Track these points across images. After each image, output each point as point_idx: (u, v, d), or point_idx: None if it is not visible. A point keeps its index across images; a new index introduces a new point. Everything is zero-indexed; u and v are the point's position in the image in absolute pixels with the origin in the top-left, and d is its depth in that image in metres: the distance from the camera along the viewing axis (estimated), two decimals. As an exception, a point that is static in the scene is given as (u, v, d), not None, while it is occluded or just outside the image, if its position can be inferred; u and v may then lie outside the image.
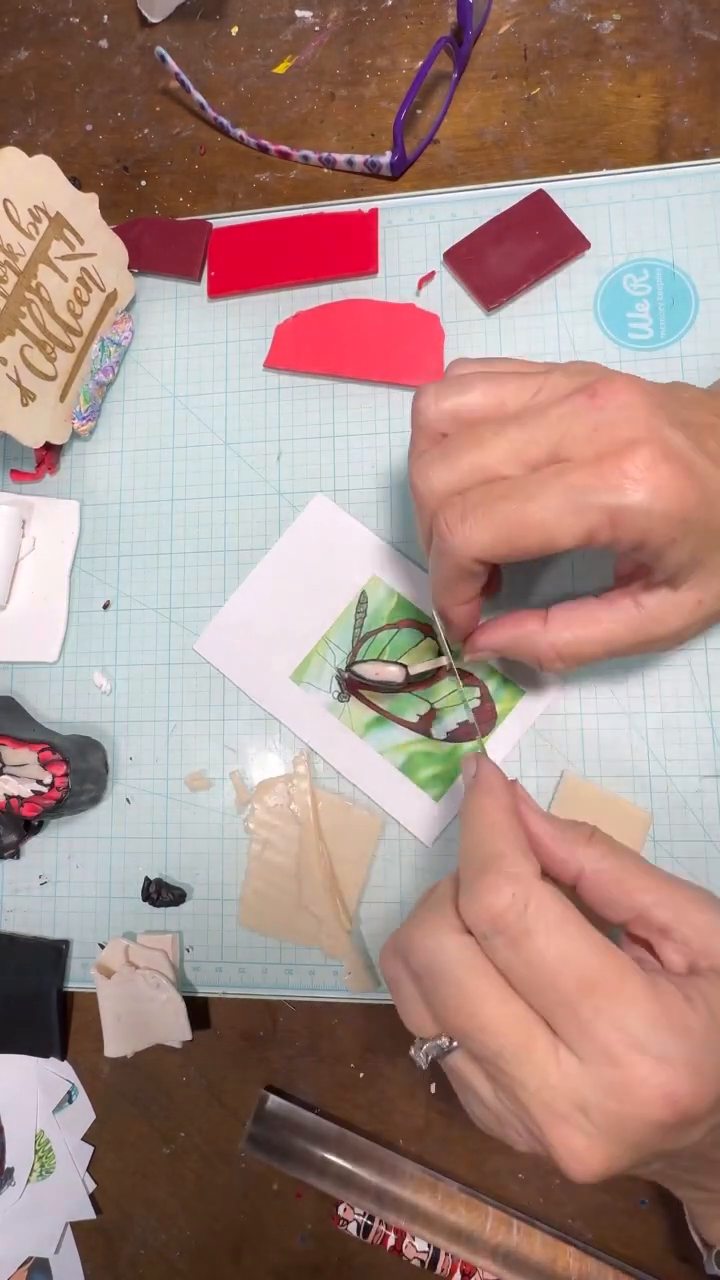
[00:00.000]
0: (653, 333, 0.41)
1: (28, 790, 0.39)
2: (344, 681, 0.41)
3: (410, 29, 0.47)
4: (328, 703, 0.41)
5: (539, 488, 0.28)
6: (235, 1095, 0.41)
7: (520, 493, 0.28)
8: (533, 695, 0.40)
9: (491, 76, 0.45)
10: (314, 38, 0.48)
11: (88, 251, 0.42)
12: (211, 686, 0.43)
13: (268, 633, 0.42)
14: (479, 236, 0.43)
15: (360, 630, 0.41)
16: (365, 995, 0.40)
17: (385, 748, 0.40)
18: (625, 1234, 0.37)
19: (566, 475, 0.28)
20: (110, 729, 0.43)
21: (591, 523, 0.28)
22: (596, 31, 0.45)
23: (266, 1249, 0.40)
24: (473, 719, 0.37)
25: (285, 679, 0.42)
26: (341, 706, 0.41)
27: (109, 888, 0.42)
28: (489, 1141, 0.38)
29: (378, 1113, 0.39)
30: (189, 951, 0.41)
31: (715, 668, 0.39)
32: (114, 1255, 0.41)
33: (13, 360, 0.39)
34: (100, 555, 0.45)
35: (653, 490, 0.27)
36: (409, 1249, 0.37)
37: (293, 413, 0.44)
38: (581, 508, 0.27)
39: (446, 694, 0.40)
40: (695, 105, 0.43)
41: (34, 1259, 0.41)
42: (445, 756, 0.40)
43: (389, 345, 0.43)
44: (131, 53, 0.50)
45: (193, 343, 0.46)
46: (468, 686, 0.40)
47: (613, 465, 0.27)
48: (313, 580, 0.42)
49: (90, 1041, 0.42)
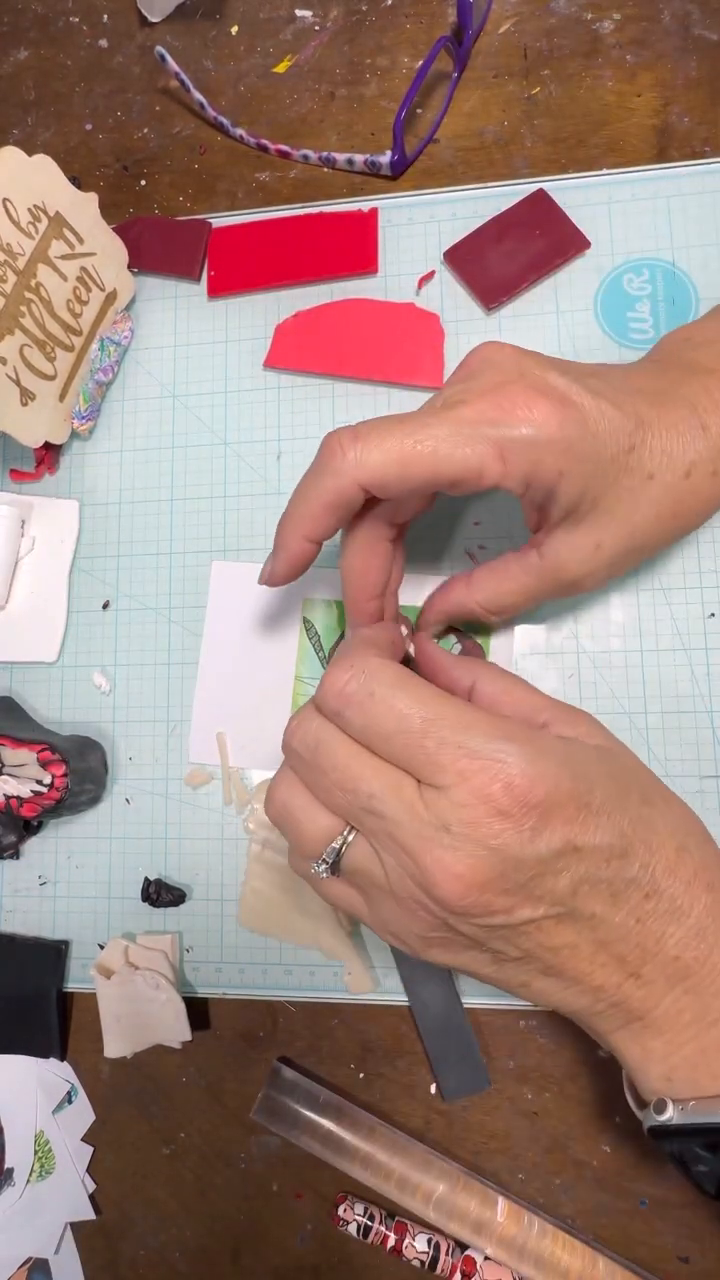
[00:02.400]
0: (653, 332, 0.41)
1: (27, 790, 0.39)
2: None
3: (410, 28, 0.47)
4: None
5: (430, 418, 0.29)
6: (235, 1095, 0.41)
7: (412, 422, 0.29)
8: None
9: (491, 76, 0.45)
10: (314, 37, 0.48)
11: (87, 251, 0.42)
12: (211, 686, 0.43)
13: (245, 706, 0.42)
14: (479, 236, 0.43)
15: (323, 652, 0.42)
16: (365, 995, 0.40)
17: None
18: (625, 1234, 0.37)
19: (455, 409, 0.29)
20: (110, 729, 0.43)
21: (480, 453, 0.29)
22: (596, 31, 0.45)
23: (266, 1249, 0.40)
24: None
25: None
26: None
27: (109, 888, 0.42)
28: (489, 1141, 0.38)
29: (378, 1113, 0.39)
30: (189, 952, 0.41)
31: (715, 668, 0.39)
32: (114, 1255, 0.41)
33: (12, 360, 0.39)
34: (100, 555, 0.45)
35: (535, 423, 0.28)
36: (409, 1249, 0.37)
37: (293, 413, 0.44)
38: (470, 438, 0.29)
39: None
40: (695, 105, 0.43)
41: (34, 1259, 0.41)
42: None
43: (389, 345, 0.43)
44: (131, 52, 0.50)
45: (192, 342, 0.46)
46: (441, 640, 0.40)
47: (494, 402, 0.29)
48: (255, 637, 0.42)
49: (90, 1042, 0.42)
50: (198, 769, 0.42)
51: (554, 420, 0.28)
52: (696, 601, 0.39)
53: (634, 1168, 0.37)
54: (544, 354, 0.31)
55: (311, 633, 0.42)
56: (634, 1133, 0.37)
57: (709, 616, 0.39)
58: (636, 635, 0.39)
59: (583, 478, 0.30)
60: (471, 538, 0.41)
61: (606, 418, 0.30)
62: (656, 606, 0.39)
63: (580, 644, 0.40)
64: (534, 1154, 0.38)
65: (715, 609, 0.39)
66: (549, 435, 0.28)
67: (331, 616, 0.42)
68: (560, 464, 0.29)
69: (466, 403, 0.29)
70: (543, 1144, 0.38)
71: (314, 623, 0.42)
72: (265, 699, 0.42)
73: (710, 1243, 0.36)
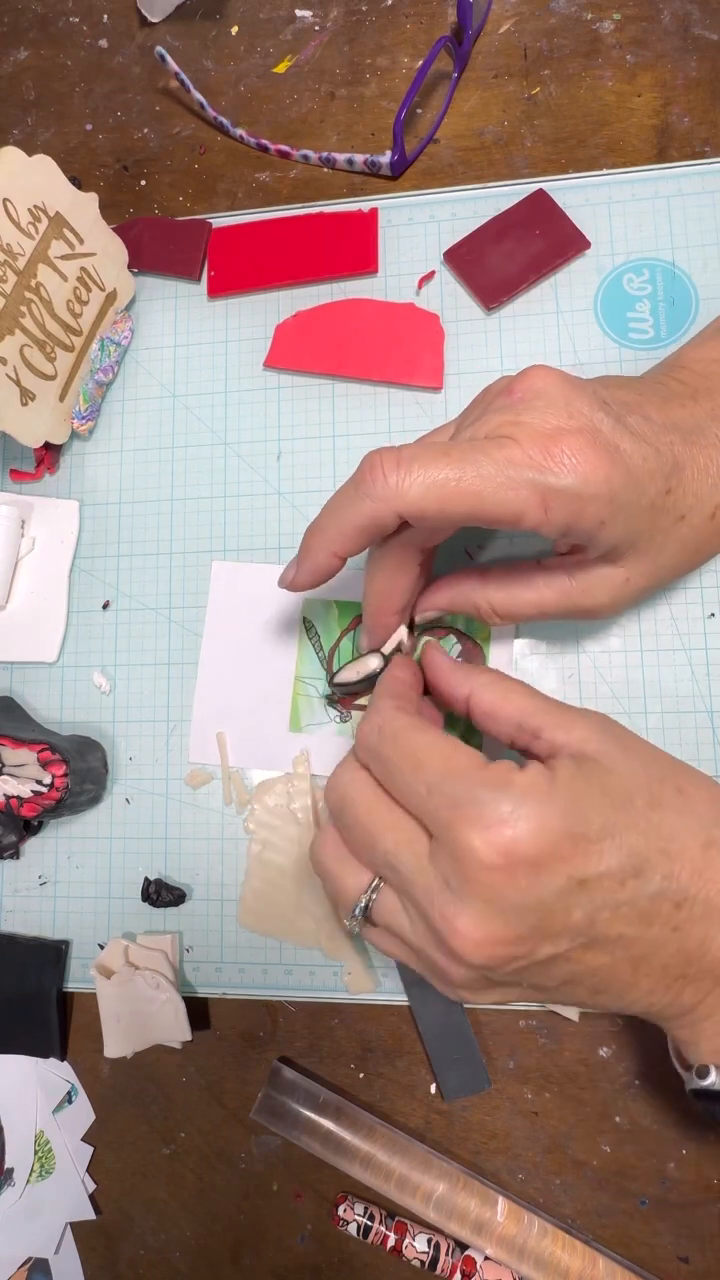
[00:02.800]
0: (653, 332, 0.41)
1: (27, 790, 0.39)
2: (337, 701, 0.41)
3: (410, 28, 0.47)
4: (335, 730, 0.41)
5: (477, 454, 0.28)
6: (235, 1095, 0.41)
7: (457, 455, 0.28)
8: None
9: (491, 76, 0.45)
10: (314, 37, 0.48)
11: (87, 251, 0.42)
12: (211, 686, 0.43)
13: (246, 707, 0.42)
14: (479, 236, 0.43)
15: (323, 652, 0.42)
16: (365, 995, 0.40)
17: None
18: (625, 1234, 0.37)
19: (504, 447, 0.28)
20: (110, 729, 0.43)
21: (523, 499, 0.28)
22: (596, 31, 0.45)
23: (266, 1249, 0.40)
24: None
25: (285, 735, 0.41)
26: (348, 725, 0.41)
27: (109, 888, 0.42)
28: (489, 1141, 0.38)
29: (378, 1113, 0.39)
30: (189, 952, 0.41)
31: (715, 668, 0.39)
32: (114, 1255, 0.41)
33: (12, 360, 0.39)
34: (100, 555, 0.45)
35: (581, 475, 0.28)
36: (409, 1249, 0.37)
37: (293, 413, 0.44)
38: (515, 482, 0.28)
39: None
40: (695, 105, 0.43)
41: (34, 1259, 0.41)
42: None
43: (389, 345, 0.43)
44: (131, 52, 0.50)
45: (192, 342, 0.46)
46: (443, 639, 0.40)
47: (543, 448, 0.28)
48: (255, 639, 0.42)
49: (90, 1041, 0.42)
50: (198, 769, 0.42)
51: (601, 473, 0.28)
52: (696, 601, 0.39)
53: (634, 1168, 0.37)
54: (588, 384, 0.30)
55: (311, 633, 0.42)
56: (634, 1133, 0.37)
57: (709, 616, 0.39)
58: (636, 635, 0.39)
59: (623, 526, 0.30)
60: (471, 537, 0.41)
61: (648, 463, 0.29)
62: (656, 606, 0.39)
63: (580, 644, 0.40)
64: (534, 1154, 0.38)
65: (715, 609, 0.39)
66: (595, 490, 0.28)
67: (331, 617, 0.42)
68: (602, 514, 0.29)
69: (516, 442, 0.28)
70: (543, 1144, 0.38)
71: (314, 622, 0.42)
72: (265, 699, 0.42)
73: (710, 1243, 0.36)
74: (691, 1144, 0.37)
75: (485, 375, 0.42)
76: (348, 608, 0.42)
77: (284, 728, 0.41)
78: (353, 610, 0.41)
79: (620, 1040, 0.38)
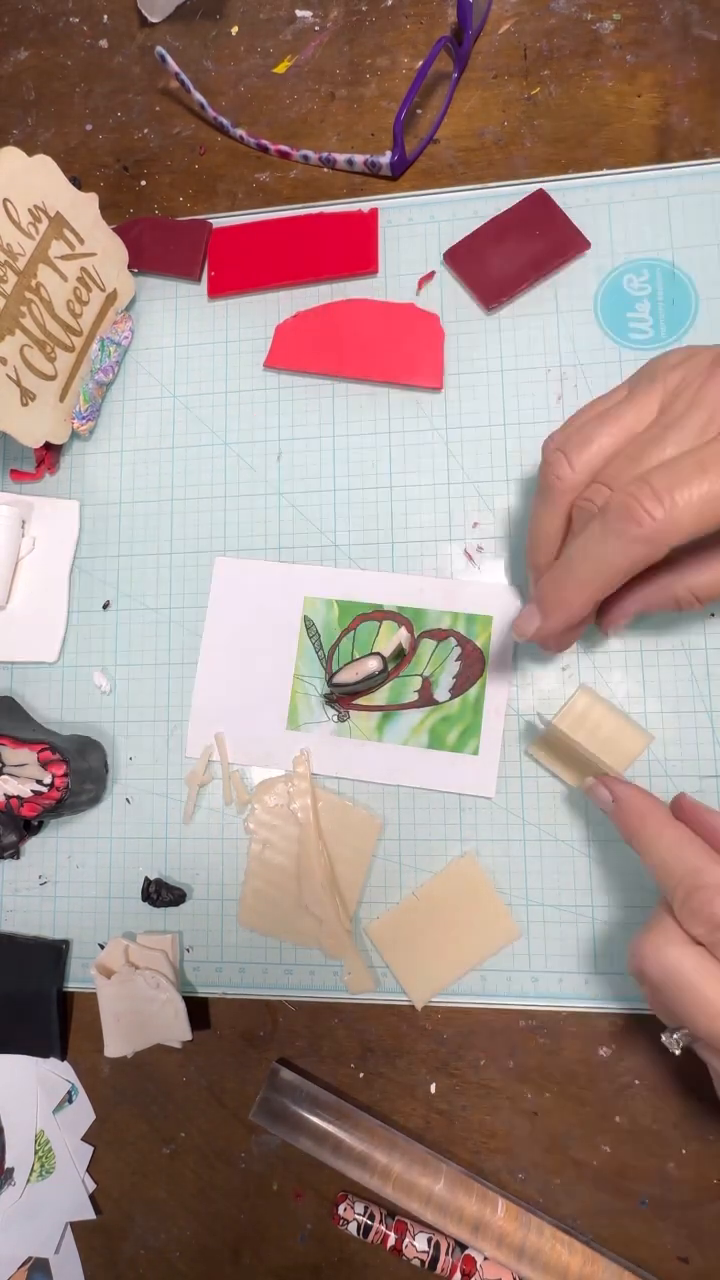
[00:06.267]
0: (653, 332, 0.41)
1: (28, 790, 0.39)
2: (335, 700, 0.41)
3: (410, 29, 0.47)
4: (333, 729, 0.41)
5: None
6: (235, 1095, 0.41)
7: (714, 462, 0.27)
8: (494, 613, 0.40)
9: (491, 76, 0.45)
10: (314, 37, 0.48)
11: (88, 251, 0.42)
12: (211, 686, 0.43)
13: (244, 704, 0.42)
14: (479, 236, 0.43)
15: (323, 651, 0.42)
16: (365, 995, 0.40)
17: (405, 736, 0.40)
18: (625, 1234, 0.37)
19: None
20: (110, 729, 0.43)
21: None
22: (596, 31, 0.45)
23: (266, 1249, 0.40)
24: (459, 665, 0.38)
25: (283, 733, 0.42)
26: (346, 725, 0.41)
27: (109, 888, 0.42)
28: (489, 1141, 0.38)
29: (378, 1113, 0.39)
30: (189, 951, 0.41)
31: (715, 668, 0.39)
32: (114, 1255, 0.41)
33: (13, 360, 0.39)
34: (100, 555, 0.45)
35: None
36: (409, 1249, 0.37)
37: (293, 413, 0.44)
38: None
39: (428, 658, 0.41)
40: (695, 105, 0.43)
41: (34, 1259, 0.41)
42: (461, 713, 0.40)
43: (389, 345, 0.43)
44: (131, 52, 0.50)
45: (192, 343, 0.46)
46: (443, 642, 0.40)
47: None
48: (255, 634, 0.42)
49: (90, 1041, 0.42)
50: (198, 770, 0.42)
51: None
52: (696, 601, 0.39)
53: (634, 1168, 0.37)
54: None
55: (311, 632, 0.42)
56: (634, 1133, 0.37)
57: (709, 616, 0.39)
58: (636, 635, 0.39)
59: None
60: (471, 538, 0.41)
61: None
62: (656, 606, 0.39)
63: (580, 644, 0.40)
64: (534, 1154, 0.38)
65: (715, 609, 0.39)
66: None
67: (332, 615, 0.42)
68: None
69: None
70: (543, 1144, 0.38)
71: (314, 621, 0.42)
72: (265, 698, 0.42)
73: (710, 1243, 0.36)
74: (691, 1144, 0.37)
75: (485, 375, 0.42)
76: (348, 607, 0.42)
77: (281, 725, 0.42)
78: (353, 610, 0.41)
79: (620, 1040, 0.38)
